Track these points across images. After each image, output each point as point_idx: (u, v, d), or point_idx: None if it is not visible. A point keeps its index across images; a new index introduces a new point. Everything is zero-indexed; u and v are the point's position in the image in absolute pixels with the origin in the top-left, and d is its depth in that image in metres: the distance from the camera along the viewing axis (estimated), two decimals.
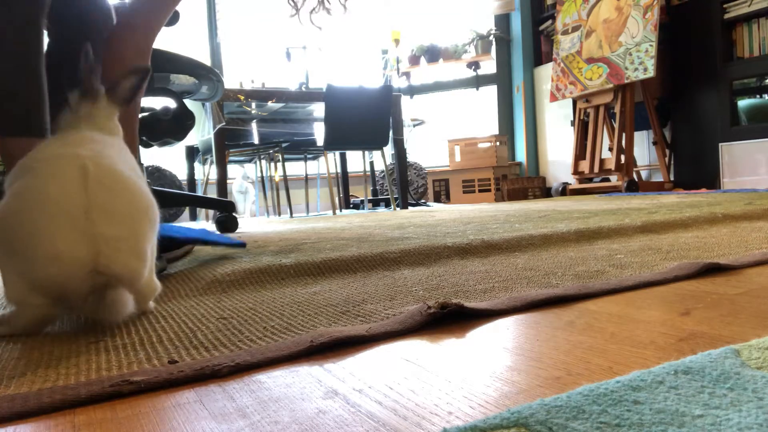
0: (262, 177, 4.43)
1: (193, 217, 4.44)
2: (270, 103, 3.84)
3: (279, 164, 4.17)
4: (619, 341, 0.56)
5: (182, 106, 1.91)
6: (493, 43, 5.62)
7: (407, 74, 5.61)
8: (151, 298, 0.82)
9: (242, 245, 1.36)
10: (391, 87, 4.12)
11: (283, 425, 0.41)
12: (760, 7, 3.81)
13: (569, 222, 1.70)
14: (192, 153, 4.21)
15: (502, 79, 5.72)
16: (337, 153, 4.74)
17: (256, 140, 4.24)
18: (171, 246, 1.26)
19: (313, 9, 1.52)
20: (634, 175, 4.37)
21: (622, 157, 4.22)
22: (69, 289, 0.69)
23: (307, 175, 4.72)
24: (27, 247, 0.68)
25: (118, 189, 0.74)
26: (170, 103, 1.94)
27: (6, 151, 1.04)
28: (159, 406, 0.47)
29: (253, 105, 3.91)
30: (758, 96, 4.33)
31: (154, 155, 4.61)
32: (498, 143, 5.08)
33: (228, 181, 3.69)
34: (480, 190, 5.12)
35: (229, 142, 3.87)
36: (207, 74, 2.02)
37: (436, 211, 3.19)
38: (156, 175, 4.36)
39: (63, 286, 0.69)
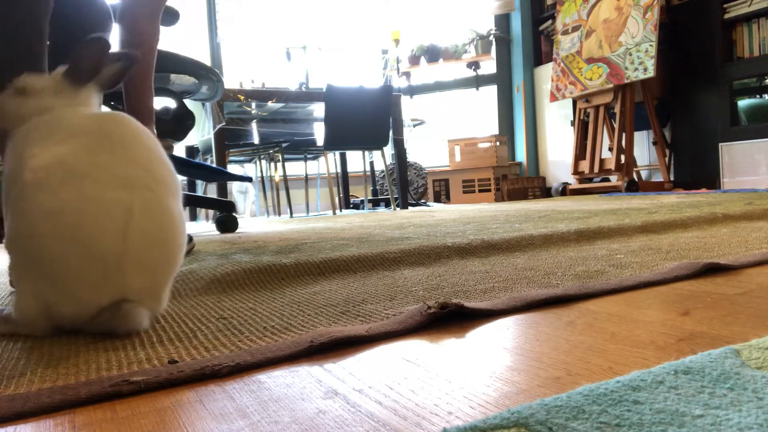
0: (262, 177, 4.43)
1: (193, 217, 4.44)
2: (270, 103, 3.84)
3: (279, 164, 4.17)
4: (619, 341, 0.56)
5: (182, 106, 1.91)
6: (493, 43, 5.62)
7: (407, 74, 5.61)
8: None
9: (249, 179, 1.40)
10: (391, 87, 4.12)
11: (283, 425, 0.41)
12: (760, 7, 3.81)
13: (569, 222, 1.70)
14: (192, 153, 4.20)
15: (502, 79, 5.72)
16: (337, 153, 4.74)
17: (256, 140, 4.24)
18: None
19: None
20: (634, 175, 4.37)
21: (622, 157, 4.22)
22: (81, 321, 0.71)
23: (307, 175, 4.71)
24: (53, 278, 0.68)
25: (156, 240, 0.72)
26: (170, 103, 1.94)
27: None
28: (159, 406, 0.47)
29: (253, 105, 3.91)
30: (758, 96, 4.33)
31: None
32: (498, 143, 5.07)
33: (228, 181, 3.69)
34: (480, 190, 5.11)
35: (229, 142, 3.86)
36: (207, 74, 2.02)
37: (436, 211, 3.19)
38: None
39: (77, 319, 0.70)
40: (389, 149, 4.46)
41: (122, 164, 0.72)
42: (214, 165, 2.78)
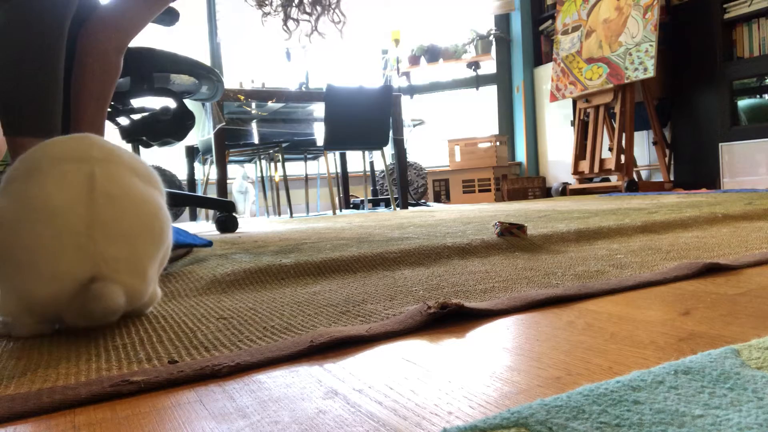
0: (262, 177, 4.43)
1: (193, 217, 4.44)
2: (270, 103, 3.84)
3: (279, 164, 4.17)
4: (619, 341, 0.56)
5: (182, 106, 1.91)
6: (493, 43, 5.62)
7: (407, 74, 5.61)
8: (150, 307, 0.81)
9: (209, 244, 1.38)
10: (391, 87, 4.12)
11: (283, 425, 0.41)
12: (760, 7, 3.81)
13: (569, 222, 1.70)
14: (192, 153, 4.21)
15: (502, 79, 5.72)
16: (337, 153, 4.74)
17: (256, 140, 4.24)
18: None
19: (308, 35, 1.57)
20: (634, 175, 4.37)
21: (622, 157, 4.22)
22: (62, 306, 0.67)
23: (307, 175, 4.72)
24: (24, 264, 0.65)
25: (125, 204, 0.69)
26: (170, 103, 1.94)
27: (18, 150, 1.04)
28: (159, 406, 0.47)
29: (253, 105, 3.91)
30: (758, 96, 4.33)
31: (154, 155, 4.61)
32: (498, 143, 5.08)
33: (228, 181, 3.70)
34: (480, 190, 5.12)
35: (229, 142, 3.87)
36: (207, 74, 2.02)
37: (436, 211, 3.19)
38: None
39: (58, 303, 0.67)
40: (389, 149, 4.46)
41: (75, 145, 0.72)
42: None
